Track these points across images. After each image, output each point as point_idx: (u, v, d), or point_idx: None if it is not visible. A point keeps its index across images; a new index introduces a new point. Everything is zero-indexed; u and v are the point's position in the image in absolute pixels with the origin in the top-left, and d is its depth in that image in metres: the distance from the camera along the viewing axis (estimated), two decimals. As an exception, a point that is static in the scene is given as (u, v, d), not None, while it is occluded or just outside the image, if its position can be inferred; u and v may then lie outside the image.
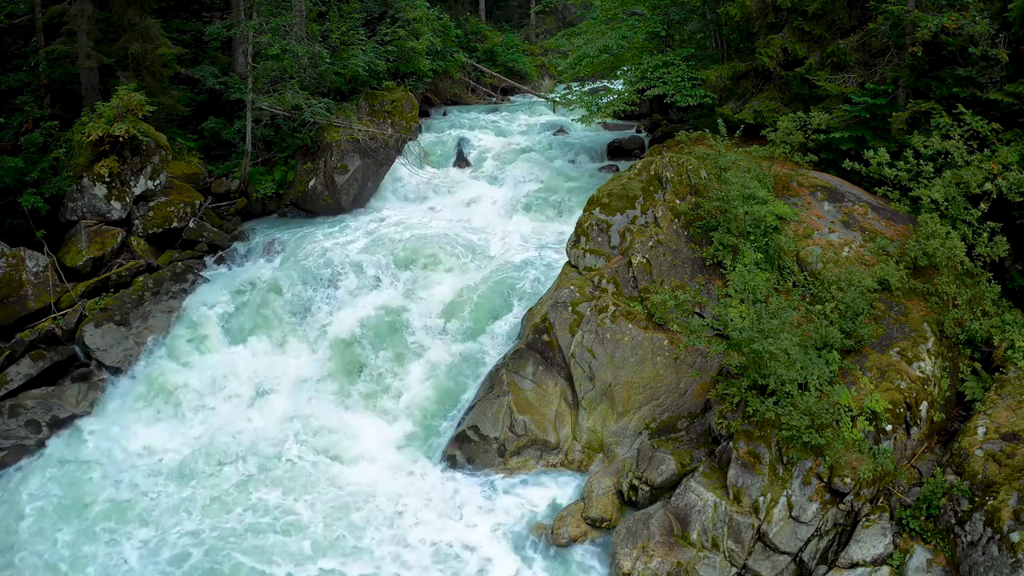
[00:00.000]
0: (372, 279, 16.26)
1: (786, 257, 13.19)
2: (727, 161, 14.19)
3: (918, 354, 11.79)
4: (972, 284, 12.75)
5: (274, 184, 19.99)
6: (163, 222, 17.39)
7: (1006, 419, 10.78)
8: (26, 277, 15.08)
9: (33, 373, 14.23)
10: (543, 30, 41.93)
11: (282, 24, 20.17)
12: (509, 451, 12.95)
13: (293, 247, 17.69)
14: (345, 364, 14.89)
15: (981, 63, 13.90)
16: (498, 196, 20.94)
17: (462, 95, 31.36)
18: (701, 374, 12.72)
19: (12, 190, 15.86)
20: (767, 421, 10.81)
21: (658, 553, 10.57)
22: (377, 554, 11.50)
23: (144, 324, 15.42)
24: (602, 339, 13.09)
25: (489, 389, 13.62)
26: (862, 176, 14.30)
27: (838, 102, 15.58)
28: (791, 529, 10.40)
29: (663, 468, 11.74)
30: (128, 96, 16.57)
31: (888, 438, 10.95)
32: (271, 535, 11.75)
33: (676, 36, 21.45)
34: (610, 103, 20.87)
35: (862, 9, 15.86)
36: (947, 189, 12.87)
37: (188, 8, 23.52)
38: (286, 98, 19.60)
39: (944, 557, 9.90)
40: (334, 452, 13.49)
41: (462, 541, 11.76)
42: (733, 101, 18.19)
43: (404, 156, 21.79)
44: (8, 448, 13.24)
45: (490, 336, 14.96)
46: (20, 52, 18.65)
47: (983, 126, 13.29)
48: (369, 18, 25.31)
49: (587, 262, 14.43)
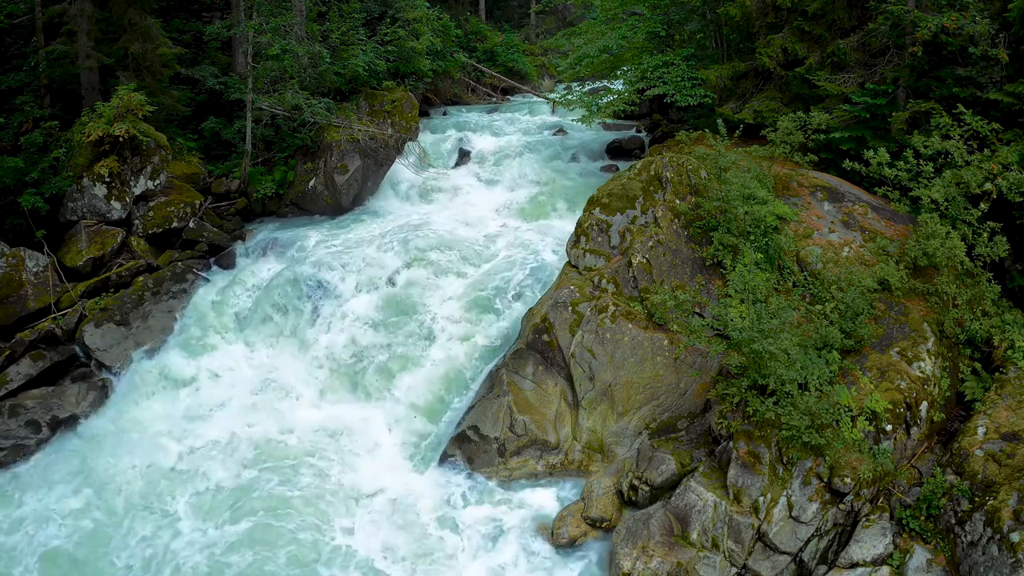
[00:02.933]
0: (371, 279, 16.25)
1: (786, 257, 13.19)
2: (727, 161, 14.19)
3: (918, 354, 11.79)
4: (972, 284, 12.75)
5: (274, 184, 19.99)
6: (163, 222, 17.39)
7: (1006, 419, 10.78)
8: (26, 277, 15.08)
9: (33, 373, 14.22)
10: (543, 30, 41.95)
11: (282, 24, 20.16)
12: (509, 451, 12.95)
13: (293, 247, 17.69)
14: (345, 364, 14.89)
15: (981, 63, 13.90)
16: (497, 195, 20.94)
17: (462, 95, 31.37)
18: (701, 374, 12.72)
19: (12, 190, 15.86)
20: (767, 421, 10.81)
21: (658, 553, 10.57)
22: (367, 551, 11.52)
23: (144, 324, 15.42)
24: (602, 339, 13.09)
25: (489, 389, 13.63)
26: (862, 176, 14.30)
27: (838, 102, 15.58)
28: (791, 529, 10.40)
29: (663, 468, 11.74)
30: (128, 96, 16.57)
31: (888, 438, 10.95)
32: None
33: (676, 36, 21.45)
34: (610, 103, 20.87)
35: (862, 9, 15.86)
36: (947, 189, 12.87)
37: (188, 8, 23.53)
38: (286, 98, 19.59)
39: (944, 557, 9.90)
40: (333, 451, 13.48)
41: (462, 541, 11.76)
42: (733, 101, 18.19)
43: (404, 156, 21.78)
44: (8, 448, 13.24)
45: (490, 336, 14.96)
46: (20, 52, 18.64)
47: (983, 126, 13.29)
48: (369, 18, 25.32)
49: (587, 262, 14.43)
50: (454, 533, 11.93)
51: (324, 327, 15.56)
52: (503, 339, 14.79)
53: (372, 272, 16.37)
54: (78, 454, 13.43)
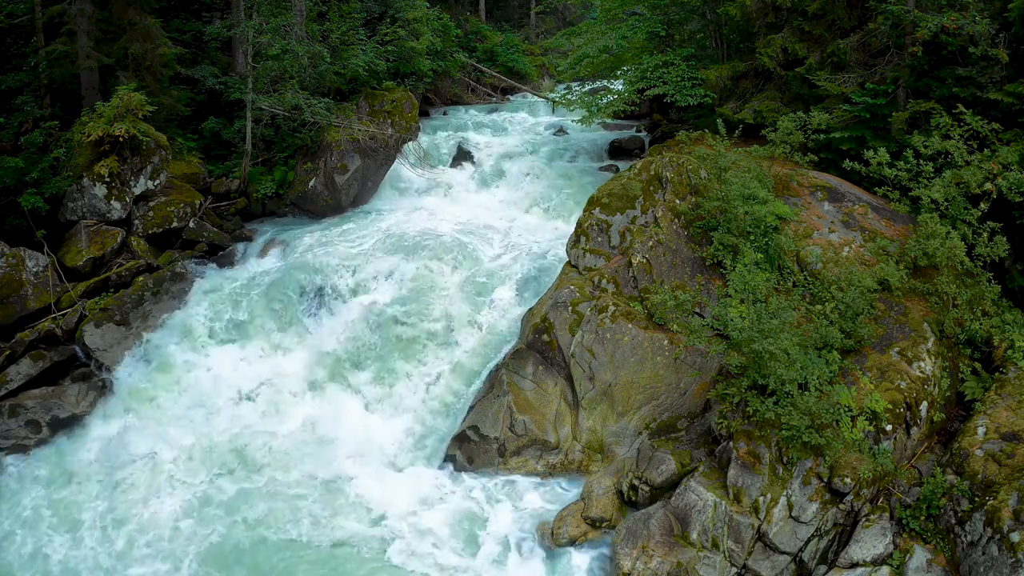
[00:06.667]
0: (371, 279, 16.25)
1: (786, 257, 13.18)
2: (727, 161, 14.19)
3: (918, 354, 11.79)
4: (972, 284, 12.75)
5: (274, 184, 19.99)
6: (163, 222, 17.38)
7: (1006, 419, 10.78)
8: (26, 277, 15.06)
9: (33, 373, 14.21)
10: (543, 30, 41.93)
11: (282, 24, 20.16)
12: (509, 451, 12.94)
13: (293, 247, 17.69)
14: (343, 363, 14.88)
15: (981, 63, 13.90)
16: (497, 196, 20.95)
17: (462, 95, 31.36)
18: (701, 374, 12.72)
19: (12, 190, 15.83)
20: (767, 421, 10.81)
21: (658, 553, 10.58)
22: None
23: (144, 324, 15.41)
24: (602, 339, 13.08)
25: (489, 389, 13.63)
26: (862, 176, 14.30)
27: (838, 102, 15.58)
28: (791, 529, 10.40)
29: (663, 468, 11.74)
30: (128, 96, 16.55)
31: (888, 438, 10.94)
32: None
33: (676, 36, 21.47)
34: (610, 103, 20.89)
35: (862, 9, 15.86)
36: (947, 189, 12.87)
37: (188, 8, 23.51)
38: (286, 98, 19.59)
39: (944, 557, 9.90)
40: (331, 450, 13.47)
41: (460, 542, 11.76)
42: (733, 101, 18.20)
43: (404, 156, 21.78)
44: (8, 448, 13.24)
45: (489, 336, 14.95)
46: (20, 52, 18.62)
47: (983, 126, 13.29)
48: (369, 18, 25.32)
49: (587, 262, 14.43)
50: (454, 533, 11.92)
51: (323, 327, 15.55)
52: (503, 339, 14.78)
53: (371, 272, 16.37)
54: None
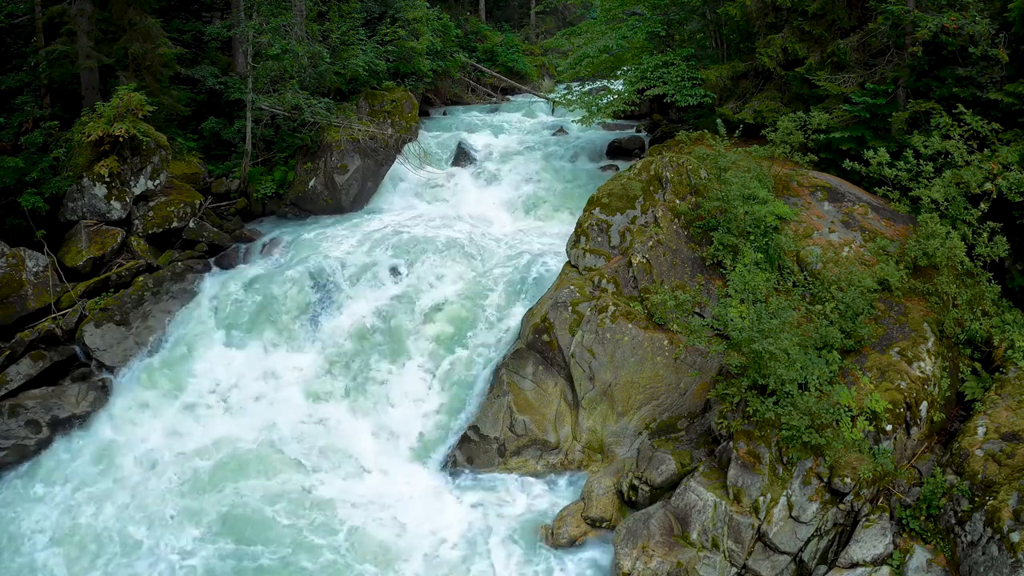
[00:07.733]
0: (371, 279, 16.25)
1: (786, 257, 13.18)
2: (727, 161, 14.19)
3: (918, 354, 11.79)
4: (972, 284, 12.75)
5: (274, 184, 20.00)
6: (163, 222, 17.38)
7: (1006, 419, 10.78)
8: (26, 277, 15.06)
9: (33, 373, 14.20)
10: (543, 30, 41.93)
11: (282, 24, 20.16)
12: (509, 451, 12.95)
13: (293, 247, 17.70)
14: (344, 363, 14.88)
15: (981, 63, 13.90)
16: (497, 196, 20.94)
17: (462, 95, 31.36)
18: (701, 374, 12.72)
19: (12, 190, 15.83)
20: (767, 421, 10.81)
21: (658, 553, 10.57)
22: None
23: (144, 324, 15.42)
24: (602, 339, 13.09)
25: (489, 389, 13.63)
26: (862, 176, 14.30)
27: (838, 102, 15.58)
28: (791, 529, 10.40)
29: (663, 468, 11.74)
30: (128, 96, 16.55)
31: (888, 438, 10.94)
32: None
33: (676, 36, 21.47)
34: (610, 103, 20.89)
35: (862, 9, 15.86)
36: (947, 189, 12.87)
37: (188, 8, 23.51)
38: (286, 98, 19.59)
39: (944, 557, 9.90)
40: (332, 450, 13.47)
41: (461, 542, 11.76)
42: (733, 101, 18.20)
43: (404, 156, 21.79)
44: (8, 448, 13.23)
45: (489, 336, 14.95)
46: (20, 52, 18.62)
47: (983, 126, 13.29)
48: (369, 18, 25.32)
49: (587, 262, 14.43)
50: (453, 533, 11.92)
51: (323, 326, 15.56)
52: (503, 339, 14.79)
53: (371, 271, 16.37)
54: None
